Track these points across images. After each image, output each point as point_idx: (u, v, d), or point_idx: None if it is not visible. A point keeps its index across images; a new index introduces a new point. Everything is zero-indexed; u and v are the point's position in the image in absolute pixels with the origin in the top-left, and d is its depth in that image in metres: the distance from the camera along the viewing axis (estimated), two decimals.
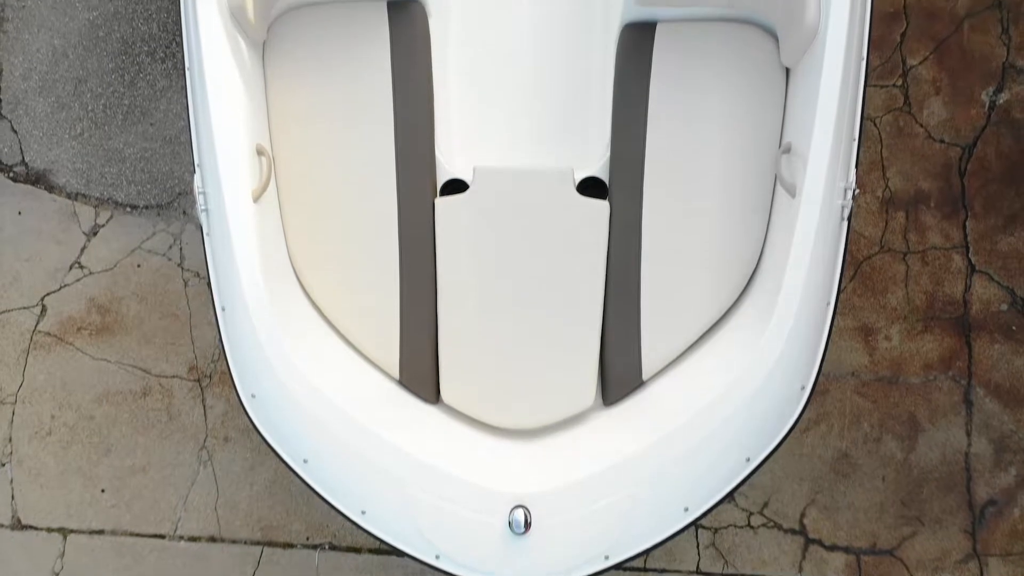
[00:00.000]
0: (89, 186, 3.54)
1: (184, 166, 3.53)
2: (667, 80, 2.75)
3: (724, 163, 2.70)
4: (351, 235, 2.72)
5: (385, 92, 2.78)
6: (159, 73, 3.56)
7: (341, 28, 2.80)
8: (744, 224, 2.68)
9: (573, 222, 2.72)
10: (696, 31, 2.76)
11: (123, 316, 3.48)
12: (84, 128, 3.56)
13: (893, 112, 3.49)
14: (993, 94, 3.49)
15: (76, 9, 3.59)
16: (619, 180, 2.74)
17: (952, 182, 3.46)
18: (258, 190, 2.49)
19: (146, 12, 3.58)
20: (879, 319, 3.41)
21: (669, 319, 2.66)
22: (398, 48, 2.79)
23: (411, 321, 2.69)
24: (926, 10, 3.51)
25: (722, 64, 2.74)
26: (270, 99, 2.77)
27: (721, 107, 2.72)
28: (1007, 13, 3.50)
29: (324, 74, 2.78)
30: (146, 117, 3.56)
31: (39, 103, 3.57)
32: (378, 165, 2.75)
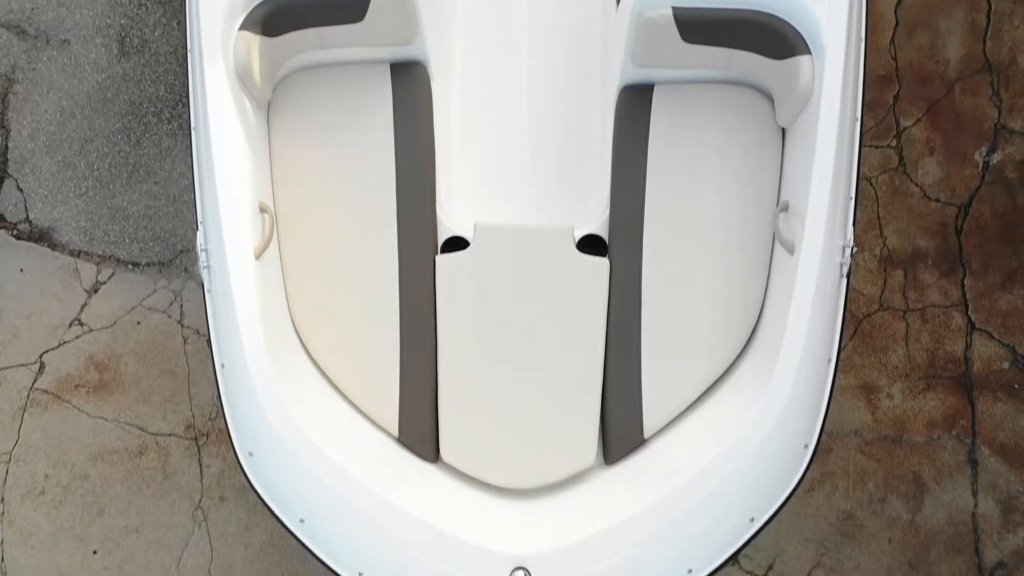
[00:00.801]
0: (92, 244, 3.56)
1: (187, 224, 3.56)
2: (665, 140, 2.79)
3: (723, 221, 2.73)
4: (352, 292, 2.73)
5: (387, 151, 2.82)
6: (165, 133, 3.62)
7: (345, 88, 2.86)
8: (744, 281, 2.69)
9: (573, 279, 2.73)
10: (693, 93, 2.82)
11: (121, 373, 3.46)
12: (89, 187, 3.60)
13: (888, 172, 3.54)
14: (986, 154, 3.54)
15: (85, 71, 3.67)
16: (619, 238, 2.76)
17: (949, 240, 3.49)
18: (260, 247, 2.51)
19: (154, 74, 3.66)
20: (881, 377, 3.40)
21: (670, 377, 2.65)
22: (400, 108, 2.85)
23: (411, 379, 2.68)
24: (917, 73, 3.59)
25: (719, 125, 2.78)
26: (274, 157, 2.81)
27: (719, 166, 2.76)
28: (997, 76, 3.58)
29: (328, 133, 2.83)
30: (151, 176, 3.60)
31: (45, 162, 3.62)
32: (379, 222, 2.77)
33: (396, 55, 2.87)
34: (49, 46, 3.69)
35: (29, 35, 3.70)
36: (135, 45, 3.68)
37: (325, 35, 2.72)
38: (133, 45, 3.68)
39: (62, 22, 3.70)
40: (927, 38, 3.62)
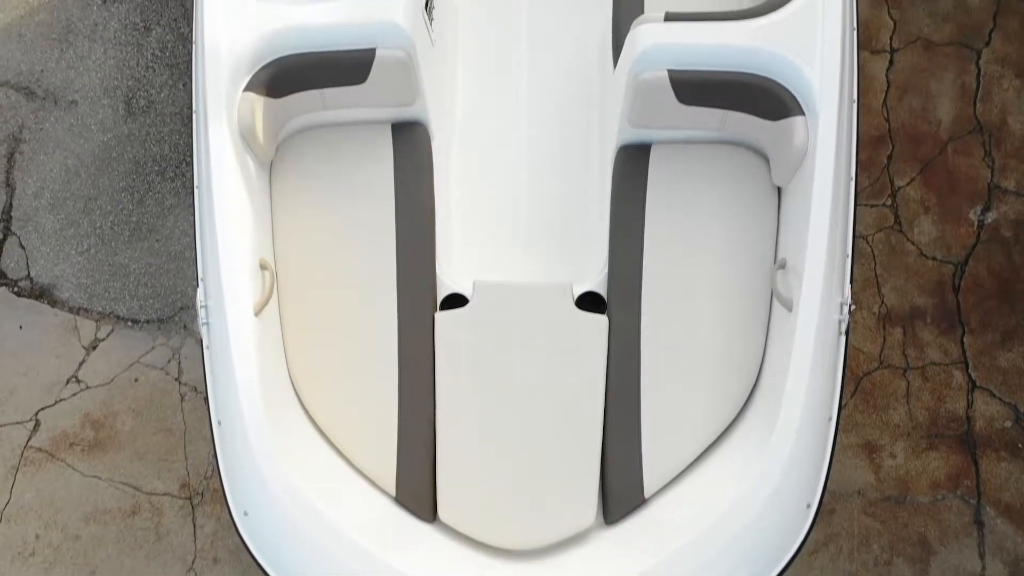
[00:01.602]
0: (92, 300, 3.57)
1: (187, 281, 3.58)
2: (662, 198, 2.82)
3: (721, 279, 2.74)
4: (350, 350, 2.72)
5: (388, 209, 2.85)
6: (168, 191, 3.66)
7: (347, 148, 2.90)
8: (743, 339, 2.69)
9: (572, 337, 2.73)
10: (690, 152, 2.86)
11: (117, 431, 3.43)
12: (91, 244, 3.62)
13: (884, 230, 3.57)
14: (981, 213, 3.58)
15: (91, 131, 3.73)
16: (617, 295, 2.77)
17: (947, 298, 3.50)
18: (259, 304, 2.51)
19: (159, 134, 3.72)
20: (883, 436, 3.37)
21: (670, 435, 2.63)
22: (401, 167, 2.88)
23: (408, 437, 2.65)
24: (910, 134, 3.65)
25: (715, 183, 2.82)
26: (275, 215, 2.84)
27: (716, 224, 2.79)
28: (988, 137, 3.64)
29: (329, 191, 2.86)
30: (153, 233, 3.63)
31: (49, 220, 3.65)
32: (379, 280, 2.78)
33: (397, 115, 2.92)
34: (57, 107, 3.76)
35: (38, 96, 3.77)
36: (141, 106, 3.75)
37: (328, 96, 2.78)
38: (139, 106, 3.75)
39: (71, 83, 3.77)
40: (919, 100, 3.69)
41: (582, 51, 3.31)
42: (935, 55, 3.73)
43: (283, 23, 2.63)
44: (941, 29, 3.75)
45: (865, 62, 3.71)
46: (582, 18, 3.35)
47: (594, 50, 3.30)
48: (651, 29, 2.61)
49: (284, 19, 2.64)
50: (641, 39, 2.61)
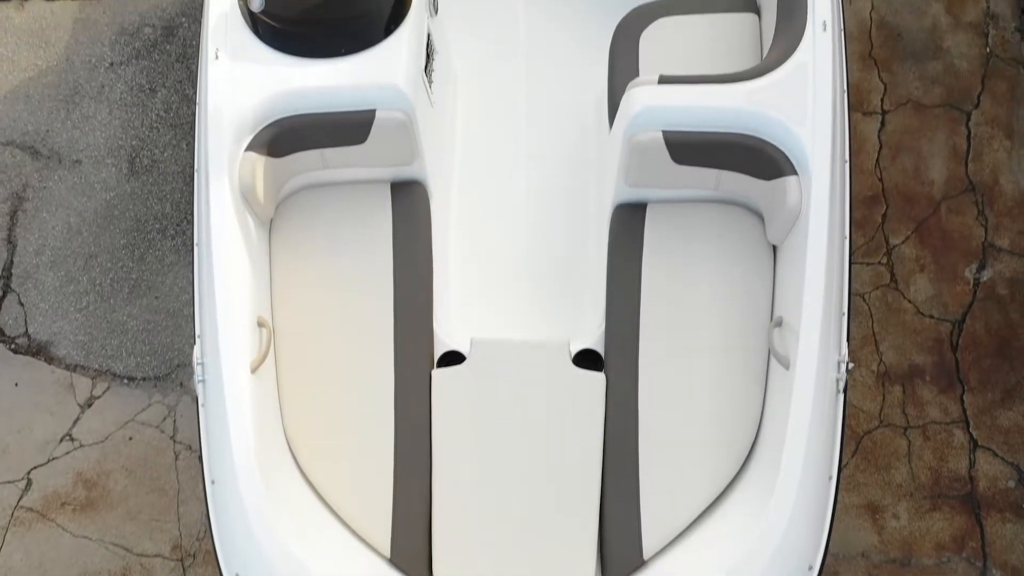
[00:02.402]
0: (89, 358, 3.56)
1: (185, 338, 3.57)
2: (659, 257, 2.84)
3: (718, 337, 2.74)
4: (346, 407, 2.71)
5: (386, 267, 2.86)
6: (168, 249, 3.69)
7: (346, 206, 2.93)
8: (741, 397, 2.68)
9: (569, 394, 2.72)
10: (685, 211, 2.89)
11: (109, 491, 3.39)
12: (90, 301, 3.63)
13: (881, 288, 3.58)
14: (976, 271, 3.59)
15: (95, 190, 3.77)
16: (615, 353, 2.77)
17: (945, 356, 3.49)
18: (257, 361, 2.51)
19: (161, 193, 3.76)
20: (885, 496, 3.33)
21: (669, 495, 2.60)
22: (400, 226, 2.91)
23: (404, 497, 2.62)
24: (903, 194, 3.69)
25: (711, 242, 2.84)
26: (274, 273, 2.86)
27: (712, 282, 2.80)
28: (981, 196, 3.68)
29: (328, 249, 2.88)
30: (152, 291, 3.64)
31: (48, 277, 3.67)
32: (376, 338, 2.78)
33: (396, 175, 2.96)
34: (61, 166, 3.81)
35: (43, 155, 3.83)
36: (145, 165, 3.80)
37: (328, 156, 2.82)
38: (143, 165, 3.80)
39: (75, 143, 3.83)
40: (911, 160, 3.74)
41: (579, 112, 3.37)
42: (926, 116, 3.80)
43: (286, 85, 2.69)
44: (931, 91, 3.83)
45: (857, 123, 3.78)
46: (579, 80, 3.42)
47: (591, 111, 3.37)
48: (646, 91, 2.66)
49: (287, 81, 2.69)
50: (636, 101, 2.66)
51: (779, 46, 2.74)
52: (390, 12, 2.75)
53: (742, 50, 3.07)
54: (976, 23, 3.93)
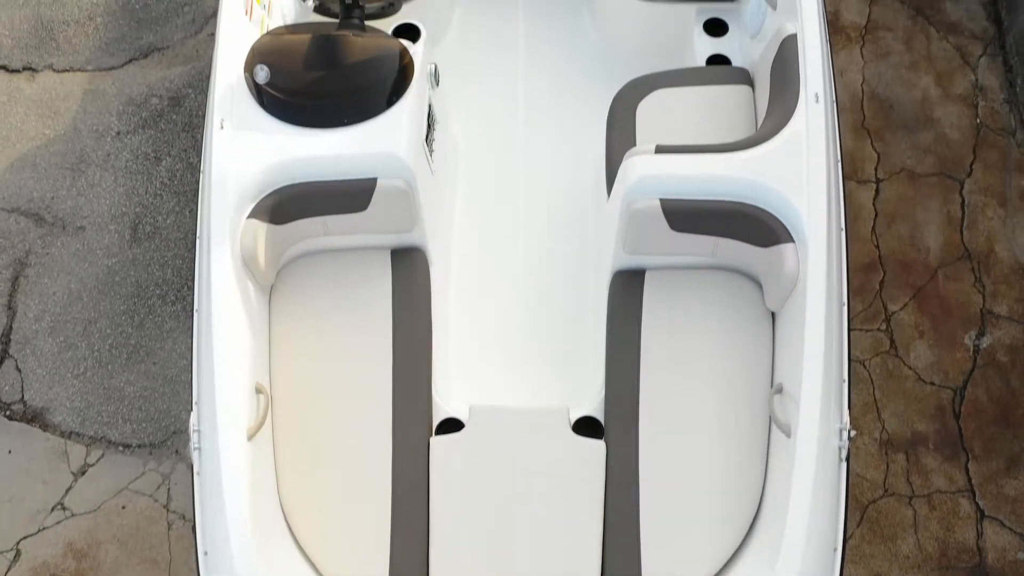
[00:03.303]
0: (84, 424, 3.53)
1: (182, 405, 3.55)
2: (658, 323, 2.84)
3: (718, 404, 2.72)
4: (343, 476, 2.67)
5: (385, 334, 2.86)
6: (168, 315, 3.69)
7: (346, 273, 2.95)
8: (742, 465, 2.64)
9: (569, 463, 2.69)
10: (683, 278, 2.91)
11: (100, 562, 3.32)
12: (87, 367, 3.62)
13: (881, 355, 3.57)
14: (976, 338, 3.59)
15: (97, 256, 3.80)
16: (614, 420, 2.74)
17: (948, 424, 3.46)
18: (253, 428, 2.49)
19: (163, 259, 3.78)
20: (892, 568, 3.25)
21: (671, 567, 2.54)
22: (399, 292, 2.92)
23: (401, 567, 2.56)
24: (900, 261, 3.72)
25: (710, 308, 2.85)
26: (273, 339, 2.85)
27: (711, 349, 2.79)
28: (977, 264, 3.70)
29: (327, 316, 2.88)
30: (150, 357, 3.63)
31: (47, 343, 3.66)
32: (375, 405, 2.76)
33: (396, 241, 2.99)
34: (64, 232, 3.84)
35: (46, 222, 3.86)
36: (147, 231, 3.83)
37: (329, 223, 2.85)
38: (145, 231, 3.83)
39: (79, 210, 3.87)
40: (907, 228, 3.78)
41: (577, 180, 3.42)
42: (920, 185, 3.85)
43: (289, 154, 2.73)
44: (923, 161, 3.89)
45: (852, 191, 3.83)
46: (577, 149, 3.49)
47: (589, 179, 3.42)
48: (643, 160, 2.71)
49: (290, 150, 2.74)
50: (633, 170, 2.70)
51: (773, 117, 2.80)
52: (392, 85, 2.82)
53: (737, 121, 3.13)
54: (965, 95, 4.03)
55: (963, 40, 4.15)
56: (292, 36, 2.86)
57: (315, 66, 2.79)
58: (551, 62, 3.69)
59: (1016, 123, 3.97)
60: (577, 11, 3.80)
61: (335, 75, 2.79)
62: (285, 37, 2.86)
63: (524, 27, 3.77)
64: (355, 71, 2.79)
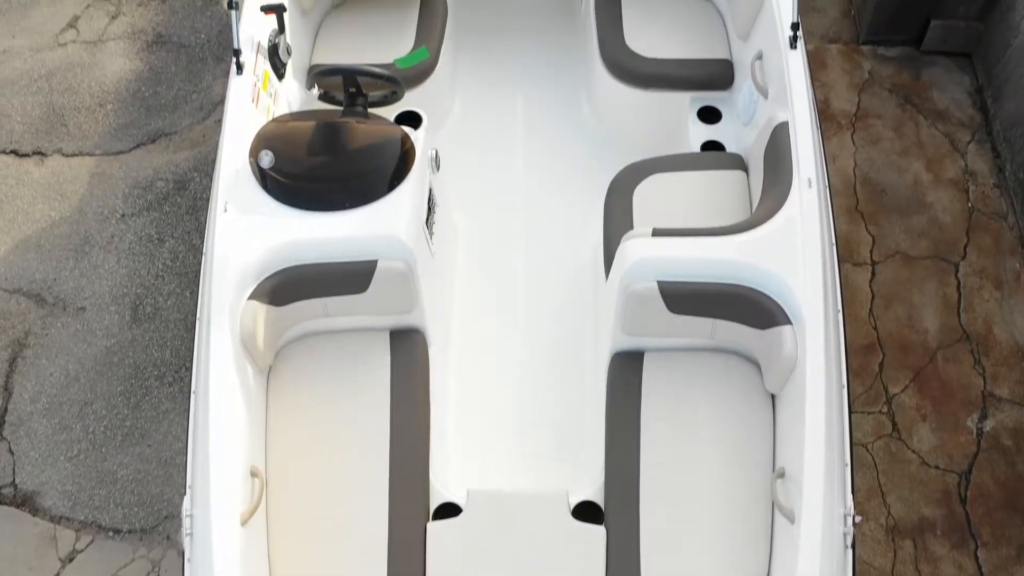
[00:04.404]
0: (75, 508, 3.46)
1: (175, 488, 3.49)
2: (657, 406, 2.82)
3: (720, 488, 2.68)
4: (338, 560, 2.61)
5: (383, 417, 2.84)
6: (165, 396, 3.67)
7: (345, 355, 2.94)
8: (746, 552, 2.58)
9: (569, 548, 2.63)
10: (682, 360, 2.90)
11: None
12: (81, 449, 3.57)
13: (883, 438, 3.54)
14: (978, 421, 3.56)
15: (96, 336, 3.80)
16: (615, 505, 2.70)
17: (955, 509, 3.40)
18: (247, 513, 2.44)
19: (161, 340, 3.78)
20: None
21: None
22: (398, 374, 2.91)
23: None
24: (898, 342, 3.72)
25: (709, 390, 2.83)
26: (270, 421, 2.83)
27: (711, 432, 2.77)
28: (976, 346, 3.70)
29: (325, 398, 2.87)
30: (145, 439, 3.59)
31: (41, 425, 3.62)
32: (371, 488, 2.72)
33: (396, 323, 3.00)
34: (65, 313, 3.85)
35: (47, 303, 3.88)
36: (147, 312, 3.84)
37: (329, 304, 2.86)
38: (145, 312, 3.84)
39: (81, 291, 3.90)
40: (904, 310, 3.79)
41: (575, 263, 3.46)
42: (915, 267, 3.89)
43: (291, 236, 2.77)
44: (917, 244, 3.94)
45: (848, 274, 3.86)
46: (575, 232, 3.53)
47: (587, 261, 3.45)
48: (640, 243, 2.74)
49: (292, 233, 2.77)
50: (631, 252, 2.73)
51: (767, 201, 2.85)
52: (394, 169, 2.87)
53: (732, 205, 3.18)
54: (956, 180, 4.11)
55: (951, 127, 4.26)
56: (297, 122, 2.93)
57: (319, 151, 2.85)
58: (549, 147, 3.78)
59: (1007, 207, 4.03)
60: (575, 98, 3.91)
61: (338, 160, 2.85)
62: (290, 123, 2.94)
63: (523, 113, 3.87)
64: (358, 156, 2.85)
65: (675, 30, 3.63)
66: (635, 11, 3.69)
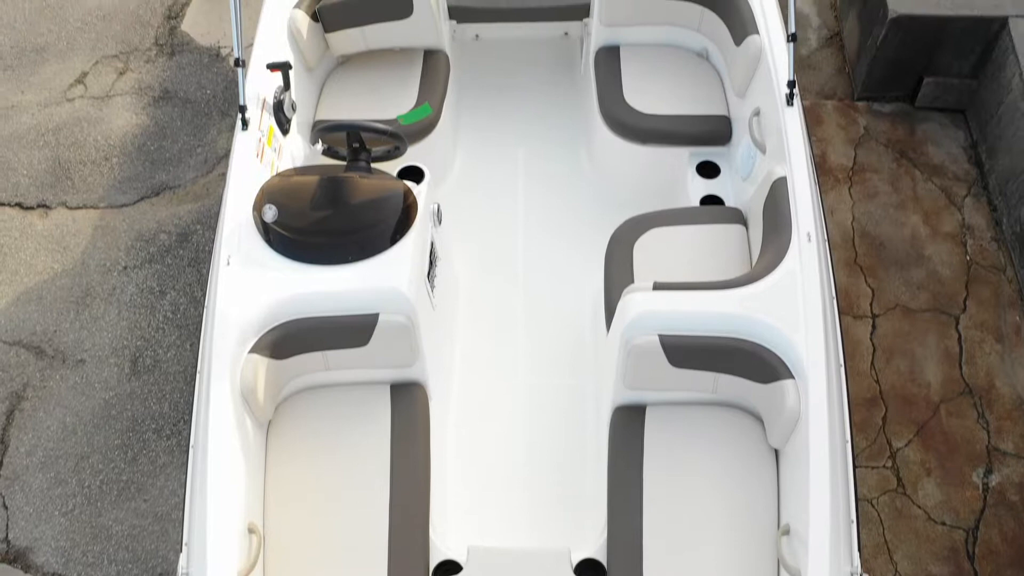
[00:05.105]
0: (68, 565, 3.40)
1: (170, 545, 3.43)
2: (660, 461, 2.80)
3: (724, 545, 2.64)
4: None
5: (382, 471, 2.81)
6: (162, 449, 3.63)
7: (345, 409, 2.93)
8: None
9: None
10: (685, 414, 2.88)
11: None
12: (76, 504, 3.53)
13: (889, 493, 3.50)
14: (984, 476, 3.53)
15: (94, 389, 3.78)
16: (617, 563, 2.65)
17: (963, 566, 3.34)
18: (244, 571, 2.40)
19: (160, 392, 3.76)
20: None
21: None
22: (398, 428, 2.89)
23: None
24: (901, 396, 3.70)
25: (713, 446, 2.81)
26: (268, 476, 2.80)
27: (715, 488, 2.74)
28: (979, 399, 3.69)
29: (324, 453, 2.84)
30: (141, 493, 3.55)
31: (37, 478, 3.58)
32: (370, 545, 2.68)
33: (397, 376, 2.99)
34: (64, 365, 3.84)
35: (47, 355, 3.87)
36: (147, 365, 3.83)
37: (330, 358, 2.85)
38: (145, 365, 3.83)
39: (81, 343, 3.89)
40: (905, 363, 3.78)
41: (577, 316, 3.46)
42: (915, 321, 3.89)
43: (293, 290, 2.77)
44: (917, 297, 3.95)
45: (849, 327, 3.86)
46: (576, 285, 3.54)
47: (588, 315, 3.45)
48: (641, 297, 2.75)
49: (294, 286, 2.78)
50: (632, 306, 2.74)
51: (767, 255, 2.86)
52: (396, 223, 2.90)
53: (732, 259, 3.20)
54: (954, 233, 4.14)
55: (947, 181, 4.30)
56: (301, 177, 2.96)
57: (322, 205, 2.87)
58: (550, 201, 3.81)
59: (1006, 260, 4.05)
60: (575, 153, 3.96)
61: (341, 214, 2.87)
62: (294, 178, 2.97)
63: (524, 168, 3.92)
64: (360, 210, 2.88)
65: (673, 87, 3.69)
66: (634, 68, 3.76)
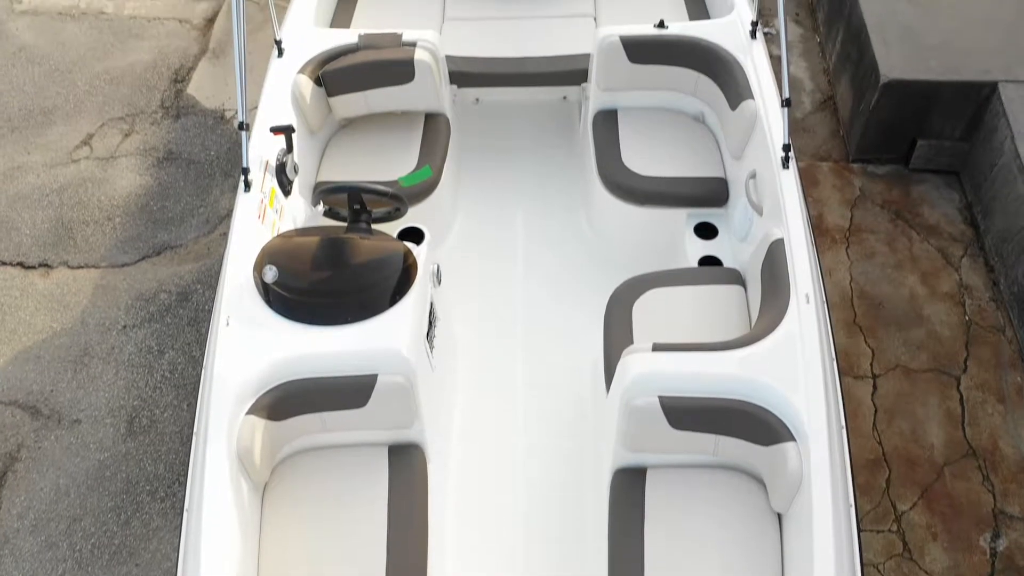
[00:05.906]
0: None
1: None
2: (661, 524, 2.75)
3: None
4: None
5: (380, 534, 2.76)
6: (156, 512, 3.58)
7: (342, 470, 2.89)
8: None
9: None
10: (685, 476, 2.85)
11: None
12: (66, 569, 3.46)
13: (895, 558, 3.43)
14: (992, 540, 3.47)
15: (89, 450, 3.74)
16: None
17: None
18: None
19: (156, 453, 3.72)
20: None
21: None
22: (396, 491, 2.85)
23: None
24: (904, 457, 3.66)
25: (714, 509, 2.77)
26: (264, 539, 2.75)
27: (717, 552, 2.69)
28: (983, 461, 3.65)
29: (321, 515, 2.80)
30: (132, 557, 3.48)
31: (28, 542, 3.52)
32: None
33: (395, 438, 2.96)
34: (60, 425, 3.81)
35: (42, 415, 3.84)
36: (143, 425, 3.80)
37: (328, 419, 2.83)
38: (141, 425, 3.80)
39: (77, 403, 3.86)
40: (907, 424, 3.75)
41: (576, 378, 3.44)
42: (916, 381, 3.87)
43: (292, 351, 2.77)
44: (917, 357, 3.94)
45: (850, 387, 3.84)
46: (575, 346, 3.54)
47: (587, 377, 3.44)
48: (640, 358, 2.74)
49: (293, 347, 2.78)
50: (632, 367, 2.73)
51: (766, 317, 2.86)
52: (396, 284, 2.91)
53: (731, 320, 3.20)
54: (952, 293, 4.15)
55: (943, 242, 4.34)
56: (302, 238, 2.98)
57: (322, 266, 2.89)
58: (549, 262, 3.83)
59: (1005, 320, 4.05)
60: (573, 215, 4.00)
61: (341, 275, 2.88)
62: (295, 239, 2.99)
63: (523, 229, 3.95)
64: (360, 271, 2.89)
65: (670, 149, 3.75)
66: (631, 131, 3.82)
